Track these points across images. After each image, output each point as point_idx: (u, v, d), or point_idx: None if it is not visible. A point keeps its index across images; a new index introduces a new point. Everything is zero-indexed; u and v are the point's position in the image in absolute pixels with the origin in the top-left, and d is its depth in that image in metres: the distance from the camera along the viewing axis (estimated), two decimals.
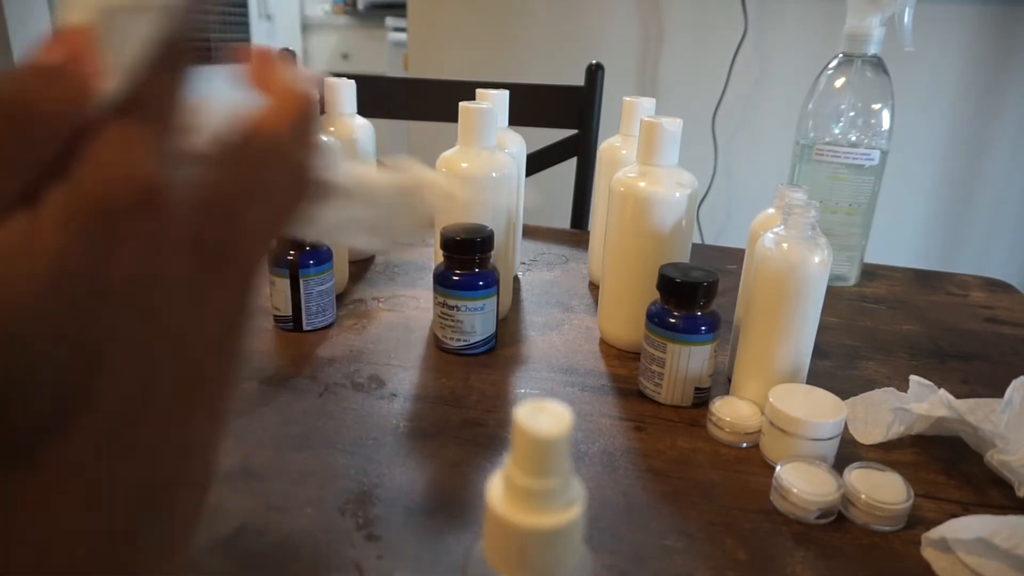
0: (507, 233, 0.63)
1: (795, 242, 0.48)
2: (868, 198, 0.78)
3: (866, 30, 0.74)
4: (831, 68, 0.77)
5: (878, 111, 0.76)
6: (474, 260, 0.57)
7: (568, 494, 0.23)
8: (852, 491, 0.41)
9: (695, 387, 0.52)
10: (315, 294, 0.61)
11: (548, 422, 0.22)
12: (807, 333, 0.50)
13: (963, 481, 0.46)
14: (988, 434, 0.45)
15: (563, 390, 0.55)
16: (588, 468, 0.45)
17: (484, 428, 0.49)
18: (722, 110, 1.57)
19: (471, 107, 0.60)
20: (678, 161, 0.58)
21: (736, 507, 0.42)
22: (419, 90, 1.17)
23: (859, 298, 0.78)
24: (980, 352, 0.65)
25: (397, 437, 0.48)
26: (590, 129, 1.12)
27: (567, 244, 0.91)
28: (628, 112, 0.71)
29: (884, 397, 0.50)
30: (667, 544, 0.39)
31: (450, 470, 0.45)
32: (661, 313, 0.52)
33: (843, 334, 0.68)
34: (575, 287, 0.76)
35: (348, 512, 0.40)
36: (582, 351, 0.61)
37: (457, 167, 0.60)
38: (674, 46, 1.59)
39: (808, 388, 0.48)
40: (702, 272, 0.52)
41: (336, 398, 0.52)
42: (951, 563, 0.37)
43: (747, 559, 0.38)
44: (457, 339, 0.59)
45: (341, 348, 0.60)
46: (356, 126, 0.76)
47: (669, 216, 0.56)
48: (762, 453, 0.47)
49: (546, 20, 1.64)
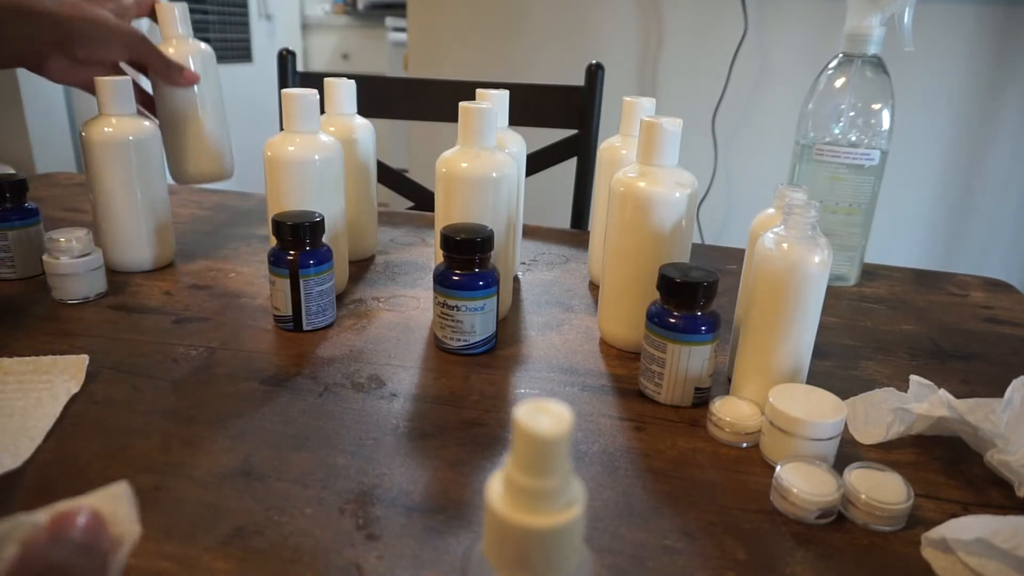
0: (507, 233, 0.63)
1: (795, 242, 0.48)
2: (868, 198, 0.78)
3: (866, 30, 0.74)
4: (831, 68, 0.77)
5: (878, 111, 0.76)
6: (474, 260, 0.57)
7: (568, 494, 0.23)
8: (852, 491, 0.41)
9: (695, 387, 0.52)
10: (315, 294, 0.61)
11: (548, 422, 0.22)
12: (807, 333, 0.50)
13: (963, 481, 0.46)
14: (988, 434, 0.45)
15: (563, 390, 0.55)
16: (588, 468, 0.45)
17: (484, 428, 0.49)
18: (722, 110, 1.57)
19: (471, 107, 0.60)
20: (678, 161, 0.58)
21: (736, 507, 0.42)
22: (419, 90, 1.17)
23: (859, 298, 0.78)
24: (980, 352, 0.65)
25: (397, 437, 0.48)
26: (590, 129, 1.12)
27: (567, 244, 0.91)
28: (628, 112, 0.71)
29: (884, 397, 0.50)
30: (667, 544, 0.39)
31: (450, 470, 0.45)
32: (661, 313, 0.52)
33: (843, 334, 0.68)
34: (575, 287, 0.76)
35: (348, 512, 0.40)
36: (582, 351, 0.61)
37: (457, 167, 0.60)
38: (674, 46, 1.59)
39: (808, 388, 0.48)
40: (702, 272, 0.52)
41: (336, 398, 0.52)
42: (951, 563, 0.37)
43: (747, 559, 0.38)
44: (457, 339, 0.59)
45: (341, 348, 0.60)
46: (356, 126, 0.76)
47: (669, 216, 0.56)
48: (762, 453, 0.47)
49: (546, 20, 1.64)
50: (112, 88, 0.69)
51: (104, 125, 0.69)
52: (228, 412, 0.50)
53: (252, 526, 0.39)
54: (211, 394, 0.52)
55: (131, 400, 0.51)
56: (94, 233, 0.69)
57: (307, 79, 1.15)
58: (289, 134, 0.64)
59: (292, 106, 0.64)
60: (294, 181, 0.64)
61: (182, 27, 0.75)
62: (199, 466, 0.44)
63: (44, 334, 0.60)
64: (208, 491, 0.41)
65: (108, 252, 0.73)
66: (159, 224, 0.74)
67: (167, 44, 0.74)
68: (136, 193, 0.71)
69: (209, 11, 2.67)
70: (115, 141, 0.69)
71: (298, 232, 0.59)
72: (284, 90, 0.64)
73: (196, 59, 0.75)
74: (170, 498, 0.41)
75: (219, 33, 2.75)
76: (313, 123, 0.65)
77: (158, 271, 0.75)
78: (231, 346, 0.59)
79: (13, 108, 2.15)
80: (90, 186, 0.71)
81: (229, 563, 0.36)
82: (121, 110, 0.69)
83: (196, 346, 0.59)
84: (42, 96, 2.22)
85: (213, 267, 0.77)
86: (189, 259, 0.79)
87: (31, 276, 0.71)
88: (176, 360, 0.57)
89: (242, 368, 0.56)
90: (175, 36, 0.75)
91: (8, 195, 0.69)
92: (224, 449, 0.45)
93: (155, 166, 0.72)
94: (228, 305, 0.67)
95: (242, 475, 0.43)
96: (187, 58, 0.74)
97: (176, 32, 0.75)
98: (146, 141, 0.70)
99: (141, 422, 0.48)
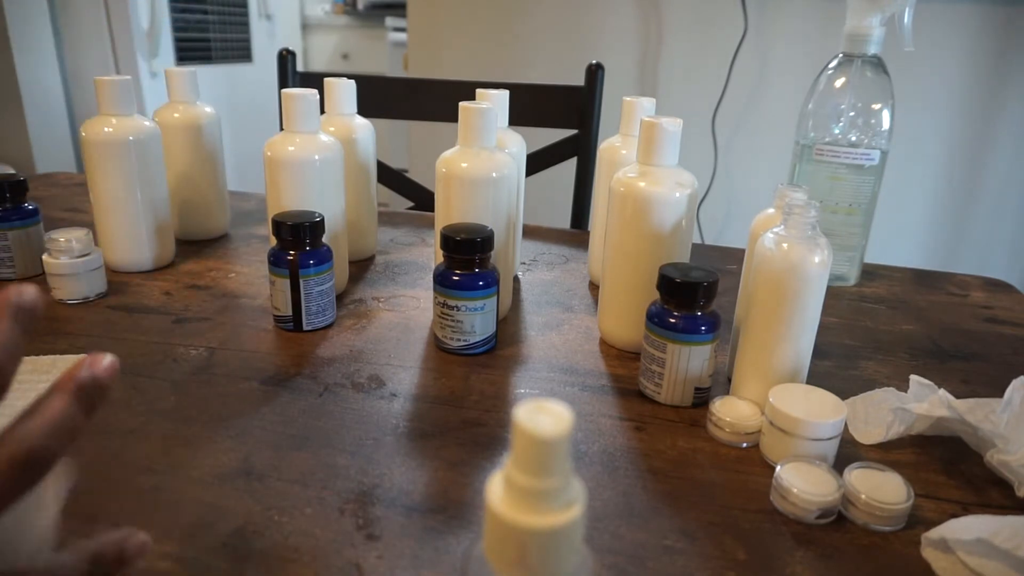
0: (507, 233, 0.63)
1: (795, 242, 0.48)
2: (868, 198, 0.78)
3: (866, 30, 0.74)
4: (831, 68, 0.77)
5: (878, 111, 0.76)
6: (474, 260, 0.57)
7: (568, 494, 0.23)
8: (852, 491, 0.41)
9: (695, 387, 0.52)
10: (315, 294, 0.61)
11: (548, 422, 0.22)
12: (807, 333, 0.50)
13: (963, 481, 0.46)
14: (988, 434, 0.45)
15: (563, 390, 0.55)
16: (588, 468, 0.45)
17: (484, 428, 0.49)
18: (722, 110, 1.57)
19: (471, 107, 0.60)
20: (678, 161, 0.58)
21: (736, 507, 0.42)
22: (419, 90, 1.17)
23: (859, 298, 0.78)
24: (980, 352, 0.65)
25: (397, 437, 0.48)
26: (590, 129, 1.12)
27: (567, 244, 0.91)
28: (628, 112, 0.71)
29: (884, 397, 0.50)
30: (667, 544, 0.39)
31: (450, 470, 0.45)
32: (661, 313, 0.52)
33: (843, 334, 0.68)
34: (575, 287, 0.76)
35: (348, 512, 0.40)
36: (582, 351, 0.61)
37: (457, 167, 0.60)
38: (674, 46, 1.59)
39: (808, 388, 0.48)
40: (702, 272, 0.52)
41: (336, 398, 0.52)
42: (951, 563, 0.37)
43: (747, 559, 0.38)
44: (457, 339, 0.59)
45: (341, 348, 0.60)
46: (356, 126, 0.76)
47: (669, 216, 0.56)
48: (762, 453, 0.47)
49: (546, 20, 1.64)
50: (112, 88, 0.69)
51: (104, 125, 0.69)
52: (228, 412, 0.50)
53: (252, 526, 0.39)
54: (211, 394, 0.52)
55: (131, 400, 0.51)
56: (94, 233, 0.69)
57: (307, 79, 1.15)
58: (289, 134, 0.64)
59: (292, 106, 0.64)
60: (294, 181, 0.64)
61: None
62: (199, 466, 0.44)
63: (44, 334, 0.60)
64: (208, 491, 0.41)
65: (108, 252, 0.73)
66: (159, 224, 0.74)
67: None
68: (136, 193, 0.71)
69: (209, 11, 2.67)
70: (115, 141, 0.69)
71: (298, 232, 0.59)
72: (284, 90, 0.64)
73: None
74: (170, 498, 0.41)
75: (219, 33, 2.75)
76: (313, 123, 0.65)
77: (158, 271, 0.75)
78: (231, 346, 0.59)
79: (13, 108, 2.15)
80: (90, 186, 0.71)
81: (229, 563, 0.36)
82: (121, 110, 0.69)
83: (196, 346, 0.59)
84: (42, 96, 2.22)
85: (213, 267, 0.77)
86: (189, 259, 0.79)
87: (31, 276, 0.71)
88: (176, 360, 0.57)
89: (242, 368, 0.56)
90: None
91: (8, 195, 0.69)
92: (224, 449, 0.45)
93: (155, 166, 0.72)
94: (228, 305, 0.67)
95: (242, 475, 0.43)
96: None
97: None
98: (146, 141, 0.70)
99: (141, 422, 0.48)
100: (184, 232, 0.85)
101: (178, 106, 0.81)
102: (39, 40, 2.19)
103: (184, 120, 0.80)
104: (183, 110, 0.81)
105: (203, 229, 0.86)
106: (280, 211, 0.62)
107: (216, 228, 0.87)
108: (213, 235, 0.87)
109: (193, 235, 0.85)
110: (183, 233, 0.85)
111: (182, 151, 0.81)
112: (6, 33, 2.07)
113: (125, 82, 0.69)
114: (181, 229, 0.84)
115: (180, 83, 0.81)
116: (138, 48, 2.30)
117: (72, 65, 2.30)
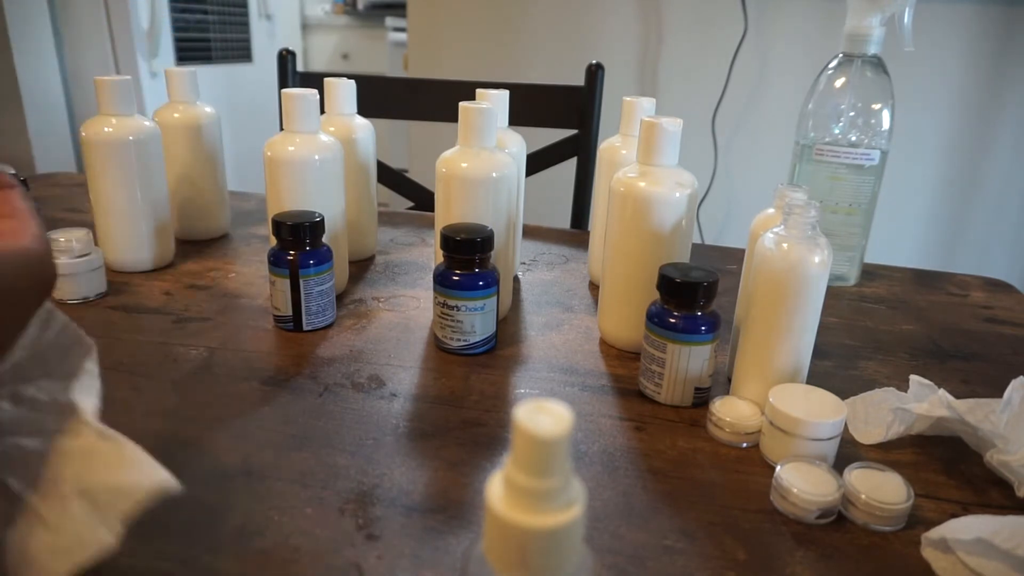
0: (507, 233, 0.63)
1: (795, 242, 0.48)
2: (868, 198, 0.78)
3: (866, 30, 0.74)
4: (831, 68, 0.77)
5: (878, 111, 0.76)
6: (474, 260, 0.57)
7: (568, 494, 0.23)
8: (852, 491, 0.41)
9: (695, 387, 0.52)
10: (315, 294, 0.61)
11: (548, 422, 0.22)
12: (807, 333, 0.50)
13: (963, 481, 0.46)
14: (988, 434, 0.45)
15: (563, 390, 0.55)
16: (588, 468, 0.45)
17: (484, 428, 0.49)
18: (722, 110, 1.57)
19: (471, 107, 0.60)
20: (678, 161, 0.58)
21: (736, 507, 0.42)
22: (419, 90, 1.17)
23: (859, 298, 0.78)
24: (980, 352, 0.65)
25: (397, 437, 0.48)
26: (590, 129, 1.12)
27: (567, 244, 0.91)
28: (628, 112, 0.71)
29: (884, 397, 0.50)
30: (667, 544, 0.39)
31: (450, 470, 0.45)
32: (661, 313, 0.52)
33: (843, 334, 0.68)
34: (575, 287, 0.76)
35: (348, 512, 0.40)
36: (582, 351, 0.61)
37: (457, 167, 0.60)
38: (674, 46, 1.59)
39: (808, 388, 0.48)
40: (702, 272, 0.52)
41: (336, 398, 0.52)
42: (951, 563, 0.37)
43: (747, 559, 0.38)
44: (457, 339, 0.59)
45: (341, 348, 0.60)
46: (356, 126, 0.76)
47: (669, 216, 0.56)
48: (762, 453, 0.47)
49: (546, 20, 1.64)
50: (112, 88, 0.69)
51: (104, 125, 0.69)
52: (228, 412, 0.50)
53: (252, 526, 0.39)
54: (211, 394, 0.52)
55: (131, 400, 0.51)
56: (94, 233, 0.69)
57: (307, 79, 1.15)
58: (289, 134, 0.64)
59: (292, 106, 0.64)
60: (294, 181, 0.64)
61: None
62: (199, 466, 0.44)
63: None
64: (208, 491, 0.41)
65: (108, 252, 0.73)
66: (159, 224, 0.74)
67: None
68: (136, 193, 0.71)
69: (209, 11, 2.67)
70: (115, 141, 0.69)
71: (298, 232, 0.59)
72: (284, 90, 0.64)
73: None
74: (170, 498, 0.41)
75: (219, 33, 2.75)
76: (313, 123, 0.65)
77: (158, 271, 0.75)
78: (231, 346, 0.59)
79: (13, 108, 2.15)
80: (90, 186, 0.71)
81: (229, 563, 0.36)
82: (121, 110, 0.69)
83: (196, 346, 0.59)
84: (42, 96, 2.22)
85: (213, 267, 0.77)
86: (189, 259, 0.79)
87: None
88: (176, 360, 0.57)
89: (242, 368, 0.56)
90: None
91: None
92: (224, 449, 0.45)
93: (155, 166, 0.72)
94: (228, 305, 0.67)
95: (242, 475, 0.43)
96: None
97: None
98: (146, 141, 0.70)
99: (141, 422, 0.48)
100: (184, 232, 0.85)
101: (178, 106, 0.81)
102: (39, 40, 2.19)
103: (184, 120, 0.80)
104: (183, 110, 0.81)
105: (203, 229, 0.86)
106: (280, 211, 0.62)
107: (216, 228, 0.87)
108: (213, 235, 0.87)
109: (193, 235, 0.85)
110: (183, 233, 0.85)
111: (182, 151, 0.81)
112: (6, 33, 2.07)
113: (125, 82, 0.69)
114: (181, 229, 0.84)
115: (180, 83, 0.81)
116: (138, 48, 2.30)
117: (72, 65, 2.30)
